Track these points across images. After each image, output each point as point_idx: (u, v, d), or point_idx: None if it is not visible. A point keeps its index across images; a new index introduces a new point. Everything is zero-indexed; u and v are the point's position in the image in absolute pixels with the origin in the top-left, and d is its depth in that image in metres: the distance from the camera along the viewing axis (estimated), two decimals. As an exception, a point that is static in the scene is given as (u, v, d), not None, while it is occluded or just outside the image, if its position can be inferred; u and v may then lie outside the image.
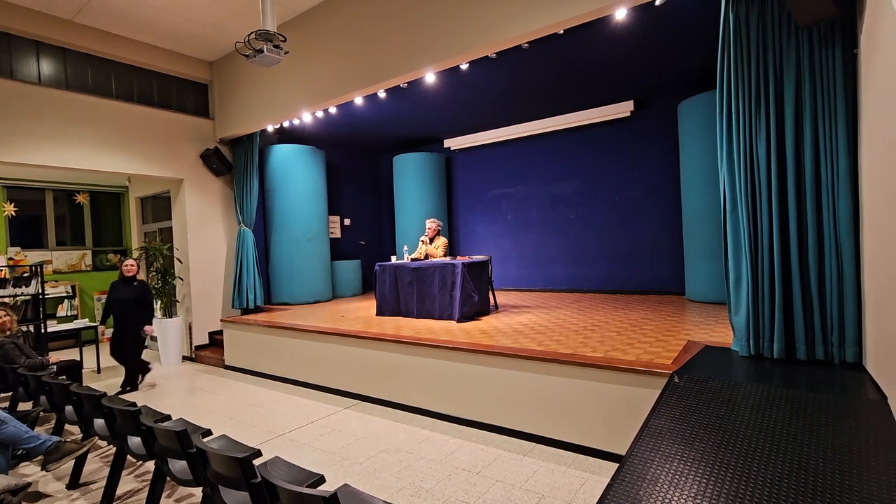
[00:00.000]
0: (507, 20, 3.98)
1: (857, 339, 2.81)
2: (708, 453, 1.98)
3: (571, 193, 7.39)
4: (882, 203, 2.26)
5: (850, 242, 2.80)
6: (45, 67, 5.46)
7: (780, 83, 3.00)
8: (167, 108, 6.46)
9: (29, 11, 5.22)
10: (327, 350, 4.88)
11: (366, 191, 9.41)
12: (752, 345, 3.11)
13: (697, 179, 5.61)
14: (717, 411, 2.35)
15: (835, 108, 2.82)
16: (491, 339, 4.10)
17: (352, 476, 3.03)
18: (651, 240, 6.72)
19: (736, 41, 3.10)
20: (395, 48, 4.75)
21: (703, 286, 5.64)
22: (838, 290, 2.85)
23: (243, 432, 3.87)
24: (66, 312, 7.78)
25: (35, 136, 5.26)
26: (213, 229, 6.87)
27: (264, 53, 3.89)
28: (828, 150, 2.87)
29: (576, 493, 2.73)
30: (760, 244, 3.07)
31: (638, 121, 6.74)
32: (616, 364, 3.11)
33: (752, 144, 3.09)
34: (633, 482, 1.82)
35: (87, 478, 3.19)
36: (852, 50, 2.76)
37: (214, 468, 1.98)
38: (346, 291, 8.20)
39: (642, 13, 4.05)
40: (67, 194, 8.36)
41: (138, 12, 5.40)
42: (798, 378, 2.75)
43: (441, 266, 5.26)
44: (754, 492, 1.69)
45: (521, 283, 7.92)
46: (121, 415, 2.62)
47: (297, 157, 7.39)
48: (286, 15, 5.58)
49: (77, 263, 8.34)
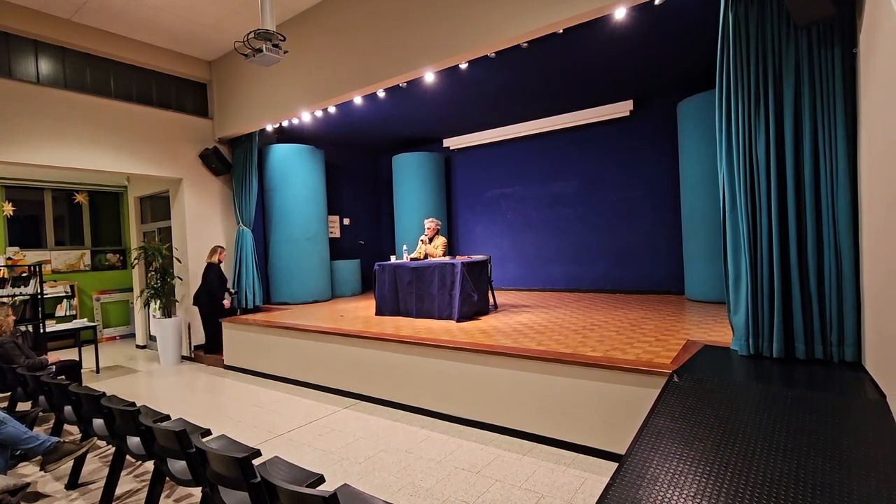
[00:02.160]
0: (507, 20, 3.98)
1: (856, 338, 2.82)
2: (707, 452, 1.98)
3: (571, 193, 7.40)
4: (881, 203, 2.26)
5: (849, 242, 2.81)
6: (44, 67, 5.45)
7: (779, 83, 3.00)
8: (166, 108, 6.45)
9: (27, 10, 5.21)
10: (327, 350, 4.87)
11: (365, 190, 9.41)
12: (751, 344, 3.12)
13: (697, 179, 5.61)
14: (716, 410, 2.35)
15: (834, 108, 2.83)
16: (490, 338, 4.10)
17: (351, 476, 3.03)
18: (650, 239, 6.72)
19: (735, 41, 3.10)
20: (394, 48, 4.74)
21: (702, 285, 5.64)
22: (837, 290, 2.86)
23: (243, 432, 3.86)
24: (64, 312, 7.76)
25: (33, 136, 5.25)
26: (213, 229, 6.86)
27: (263, 53, 3.89)
28: (827, 149, 2.87)
29: (575, 492, 2.73)
30: (760, 244, 3.07)
31: (637, 120, 6.74)
32: (616, 363, 3.11)
33: (751, 144, 3.09)
34: (633, 481, 1.82)
35: (86, 478, 3.19)
36: (851, 50, 2.77)
37: (214, 468, 1.97)
38: (345, 291, 8.20)
39: (641, 13, 4.05)
40: (66, 194, 8.34)
41: (137, 12, 5.39)
42: (797, 377, 2.75)
43: (440, 266, 5.26)
44: (754, 491, 1.69)
45: (521, 283, 7.92)
46: (120, 415, 2.61)
47: (297, 157, 7.39)
48: (285, 14, 5.57)
49: (76, 263, 8.32)
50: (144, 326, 7.67)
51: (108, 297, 8.50)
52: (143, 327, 7.68)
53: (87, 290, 8.36)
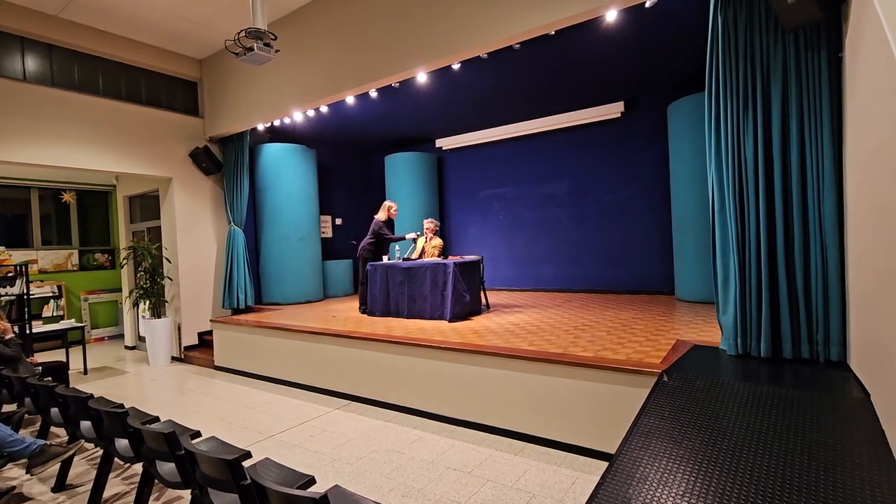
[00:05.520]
0: (499, 21, 3.99)
1: (841, 337, 2.86)
2: (696, 451, 2.00)
3: (562, 193, 7.43)
4: (865, 205, 2.30)
5: (834, 242, 2.85)
6: (31, 64, 5.37)
7: (767, 85, 3.04)
8: (156, 106, 6.39)
9: (14, 6, 5.13)
10: (318, 350, 4.85)
11: (357, 190, 9.38)
12: (739, 344, 3.15)
13: (687, 180, 5.66)
14: (705, 410, 2.38)
15: (820, 111, 2.87)
16: (482, 338, 4.11)
17: (343, 477, 3.03)
18: (641, 239, 6.77)
19: (724, 43, 3.14)
20: (386, 48, 4.74)
21: (692, 286, 5.69)
22: (823, 290, 2.90)
23: (233, 434, 3.84)
24: (52, 313, 7.66)
25: (19, 134, 5.17)
26: (203, 229, 6.81)
27: (254, 52, 3.87)
28: (813, 151, 2.91)
29: (566, 491, 2.74)
30: (748, 244, 3.11)
31: (628, 122, 6.78)
32: (606, 363, 3.13)
33: (740, 145, 3.13)
34: (623, 480, 1.83)
35: (73, 481, 3.14)
36: (837, 53, 2.81)
37: (203, 470, 1.96)
38: (337, 291, 8.17)
39: (633, 15, 4.08)
40: (53, 193, 8.23)
41: (126, 9, 5.33)
42: (784, 376, 2.79)
43: (433, 266, 5.26)
44: (741, 489, 1.71)
45: (513, 283, 7.94)
46: (108, 417, 2.58)
47: (288, 156, 7.35)
48: (277, 13, 5.54)
49: (63, 263, 8.21)
50: (133, 327, 7.59)
51: (96, 298, 8.40)
52: (133, 328, 7.60)
53: (74, 290, 8.25)
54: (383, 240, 6.21)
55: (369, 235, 6.20)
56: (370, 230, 6.22)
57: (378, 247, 6.20)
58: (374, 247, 6.18)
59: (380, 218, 6.23)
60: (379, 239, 6.18)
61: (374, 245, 6.17)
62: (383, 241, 6.22)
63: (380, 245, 6.21)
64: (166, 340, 6.43)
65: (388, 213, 6.29)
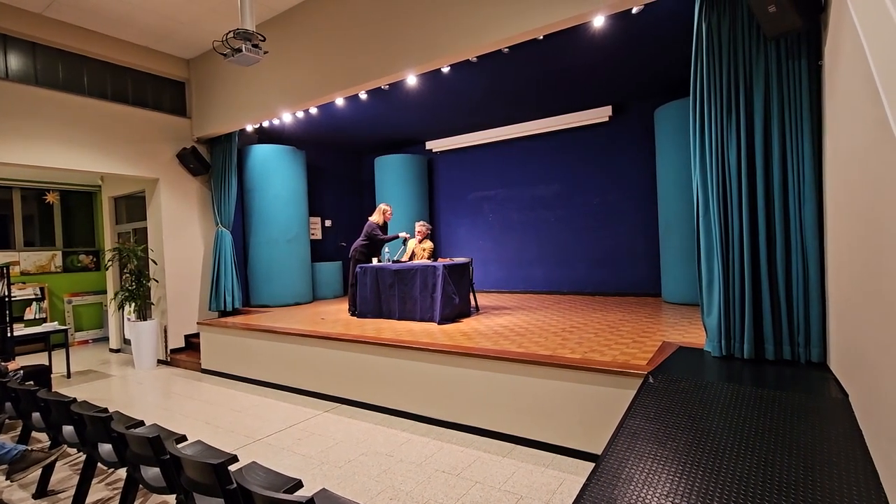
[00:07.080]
0: (488, 25, 4.02)
1: (821, 339, 2.92)
2: (680, 452, 2.03)
3: (551, 196, 7.48)
4: (844, 210, 2.35)
5: (815, 246, 2.91)
6: (13, 62, 5.28)
7: (749, 91, 3.10)
8: (142, 106, 6.31)
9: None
10: (307, 353, 4.83)
11: (347, 192, 9.35)
12: (723, 345, 3.20)
13: (673, 184, 5.74)
14: (689, 411, 2.42)
15: (801, 117, 2.93)
16: (471, 340, 4.12)
17: (330, 480, 3.01)
18: (628, 242, 6.84)
19: (708, 50, 3.19)
20: (376, 50, 4.74)
21: (678, 288, 5.77)
22: (804, 293, 2.96)
23: (220, 437, 3.80)
24: (34, 315, 7.52)
25: (2, 133, 5.08)
26: (190, 230, 6.74)
27: (243, 53, 3.84)
28: (794, 156, 2.97)
29: (553, 493, 2.77)
30: (731, 247, 3.17)
31: (616, 126, 6.86)
32: (593, 365, 3.16)
33: (723, 150, 3.19)
34: (609, 481, 1.85)
35: (54, 486, 3.09)
36: (817, 62, 2.88)
37: (189, 475, 1.94)
38: (326, 293, 8.13)
39: (620, 21, 4.13)
40: (36, 193, 8.09)
41: (112, 7, 5.27)
42: (766, 377, 2.84)
43: (422, 268, 5.27)
44: (724, 489, 1.75)
45: (502, 285, 7.97)
46: (91, 421, 2.55)
47: (277, 158, 7.30)
48: (266, 14, 5.51)
49: (46, 265, 8.07)
50: (119, 330, 7.48)
51: (80, 300, 8.26)
52: (118, 331, 7.49)
53: (58, 292, 8.11)
54: (376, 241, 6.19)
55: (362, 237, 6.18)
56: (363, 232, 6.19)
57: (371, 249, 6.18)
58: (367, 248, 6.16)
59: (374, 220, 6.22)
60: (372, 241, 6.16)
61: (366, 247, 6.15)
62: (376, 243, 6.21)
63: (372, 247, 6.19)
64: (152, 343, 6.35)
65: (383, 215, 6.28)
